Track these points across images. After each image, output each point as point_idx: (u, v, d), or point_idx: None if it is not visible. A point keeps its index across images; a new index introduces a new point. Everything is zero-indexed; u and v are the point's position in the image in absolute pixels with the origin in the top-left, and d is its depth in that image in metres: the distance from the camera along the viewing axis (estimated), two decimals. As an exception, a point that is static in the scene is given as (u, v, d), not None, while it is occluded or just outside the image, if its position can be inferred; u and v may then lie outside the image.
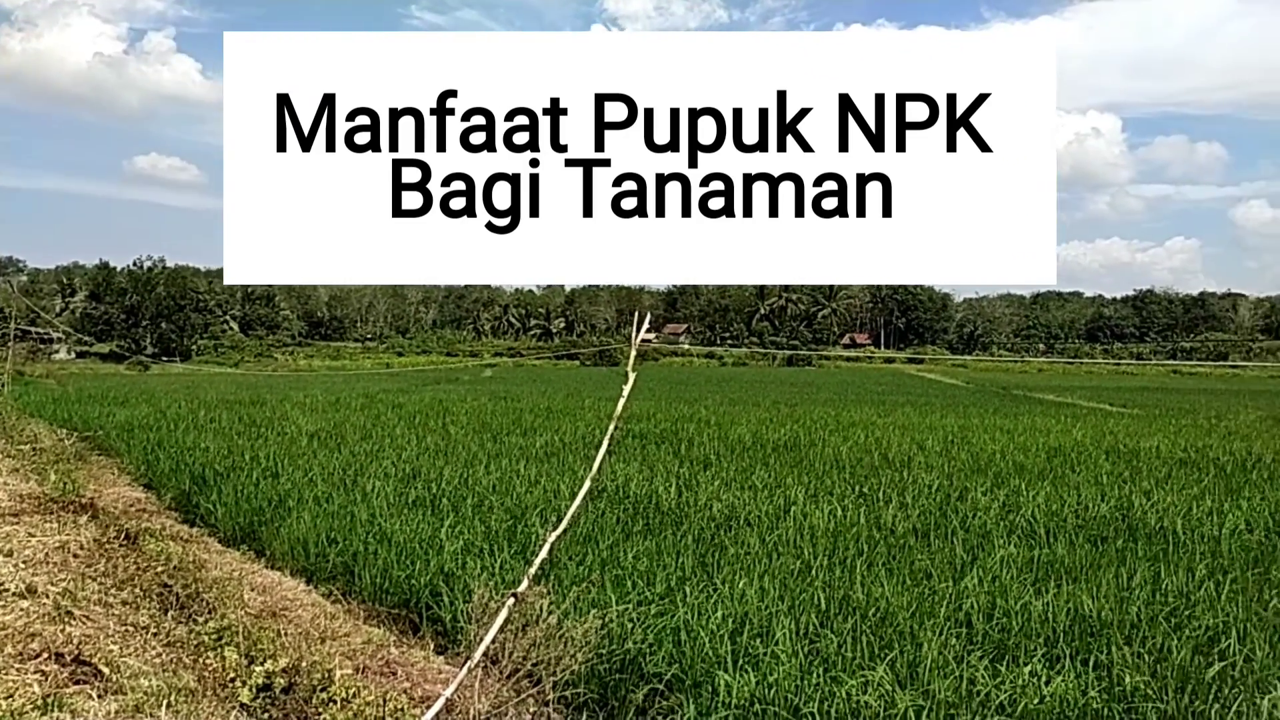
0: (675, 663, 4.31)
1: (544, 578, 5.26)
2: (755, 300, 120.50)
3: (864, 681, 4.01)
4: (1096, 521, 7.57)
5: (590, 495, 8.10)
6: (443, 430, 14.52)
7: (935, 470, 10.55)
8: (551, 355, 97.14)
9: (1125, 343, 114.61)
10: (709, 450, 12.20)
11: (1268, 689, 3.96)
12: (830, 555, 6.31)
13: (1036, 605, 5.08)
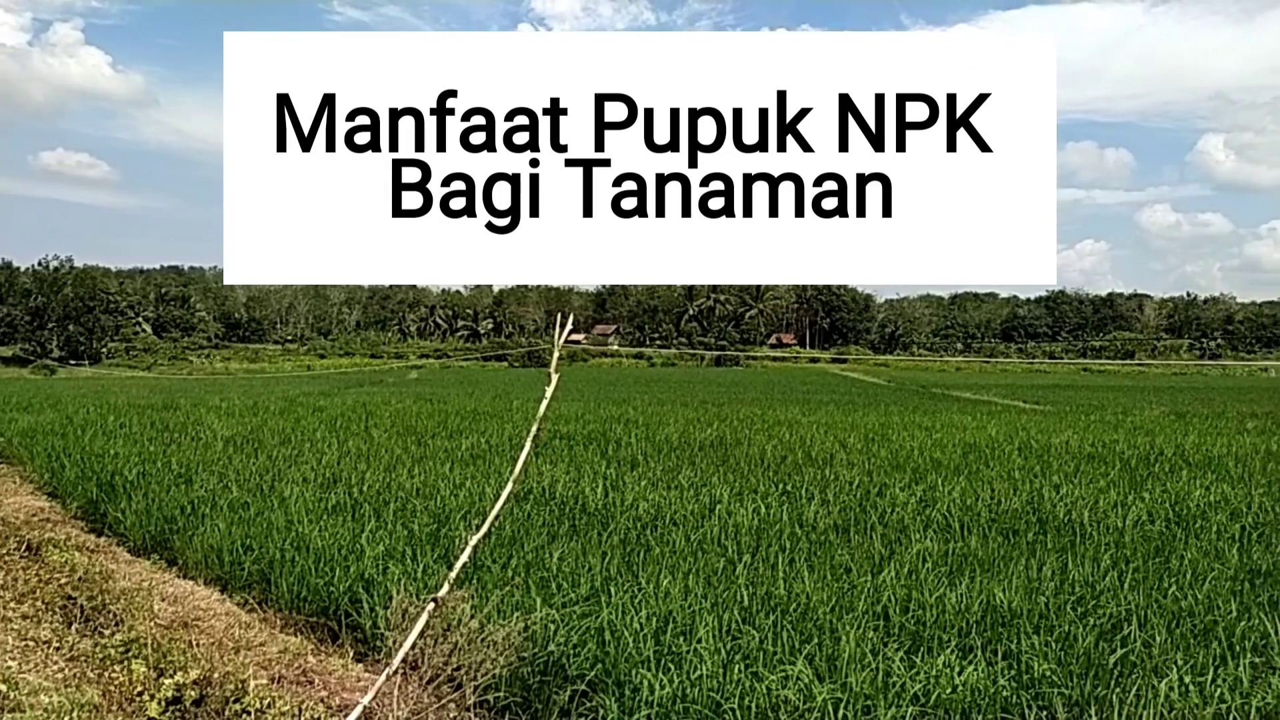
0: (599, 663, 4.31)
1: (466, 581, 5.21)
2: (684, 301, 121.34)
3: (784, 676, 4.07)
4: (1009, 515, 7.82)
5: (515, 498, 8.05)
6: (365, 434, 14.25)
7: (856, 467, 10.76)
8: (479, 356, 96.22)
9: (1039, 342, 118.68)
10: (636, 451, 12.23)
11: (1165, 673, 4.14)
12: (754, 553, 6.39)
13: (951, 597, 5.22)
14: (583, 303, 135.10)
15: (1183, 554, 6.36)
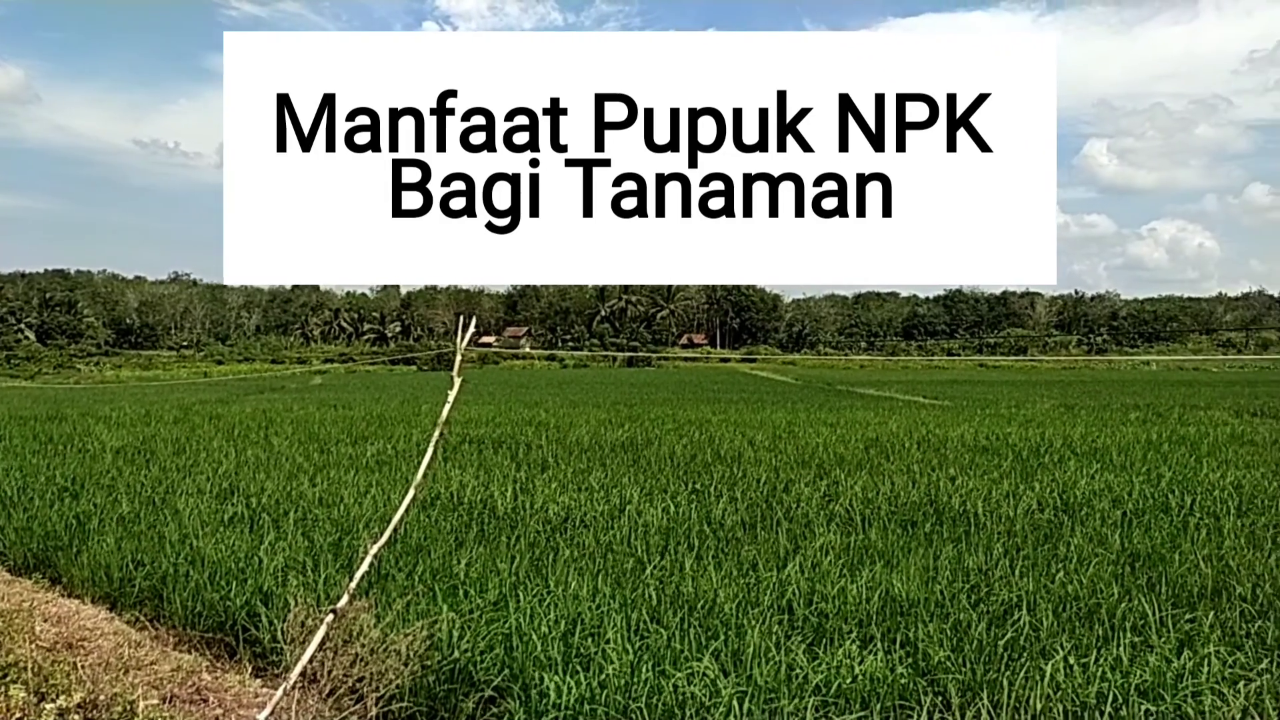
0: (506, 668, 4.28)
1: (369, 591, 5.10)
2: (596, 302, 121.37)
3: (691, 673, 4.11)
4: (908, 507, 8.07)
5: (422, 504, 7.92)
6: (265, 442, 13.81)
7: (764, 464, 10.95)
8: (386, 360, 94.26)
9: (937, 339, 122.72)
10: (547, 453, 12.18)
11: (1051, 655, 4.33)
12: (663, 552, 6.44)
13: (852, 589, 5.36)
14: (493, 305, 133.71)
15: (1069, 541, 6.68)
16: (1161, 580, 5.63)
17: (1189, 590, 5.45)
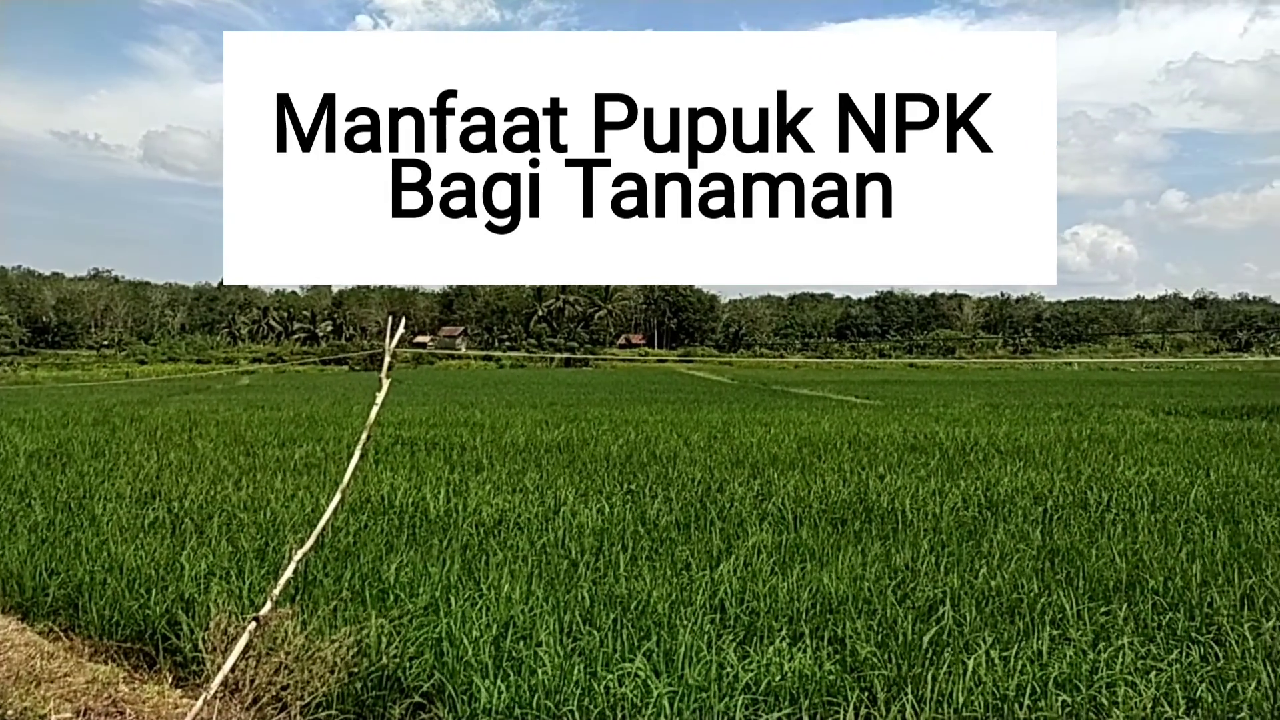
0: (436, 674, 4.23)
1: (296, 597, 5.00)
2: (533, 302, 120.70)
3: (623, 674, 4.12)
4: (838, 505, 8.20)
5: (352, 508, 7.79)
6: (189, 444, 13.42)
7: (699, 464, 11.02)
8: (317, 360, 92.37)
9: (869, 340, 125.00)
10: (481, 454, 12.08)
11: (974, 649, 4.45)
12: (597, 553, 6.43)
13: (783, 587, 5.43)
14: (428, 304, 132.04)
15: (993, 537, 6.86)
16: (1079, 575, 5.82)
17: (1105, 584, 5.64)
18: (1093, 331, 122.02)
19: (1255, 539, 6.88)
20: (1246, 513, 7.93)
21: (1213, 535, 6.97)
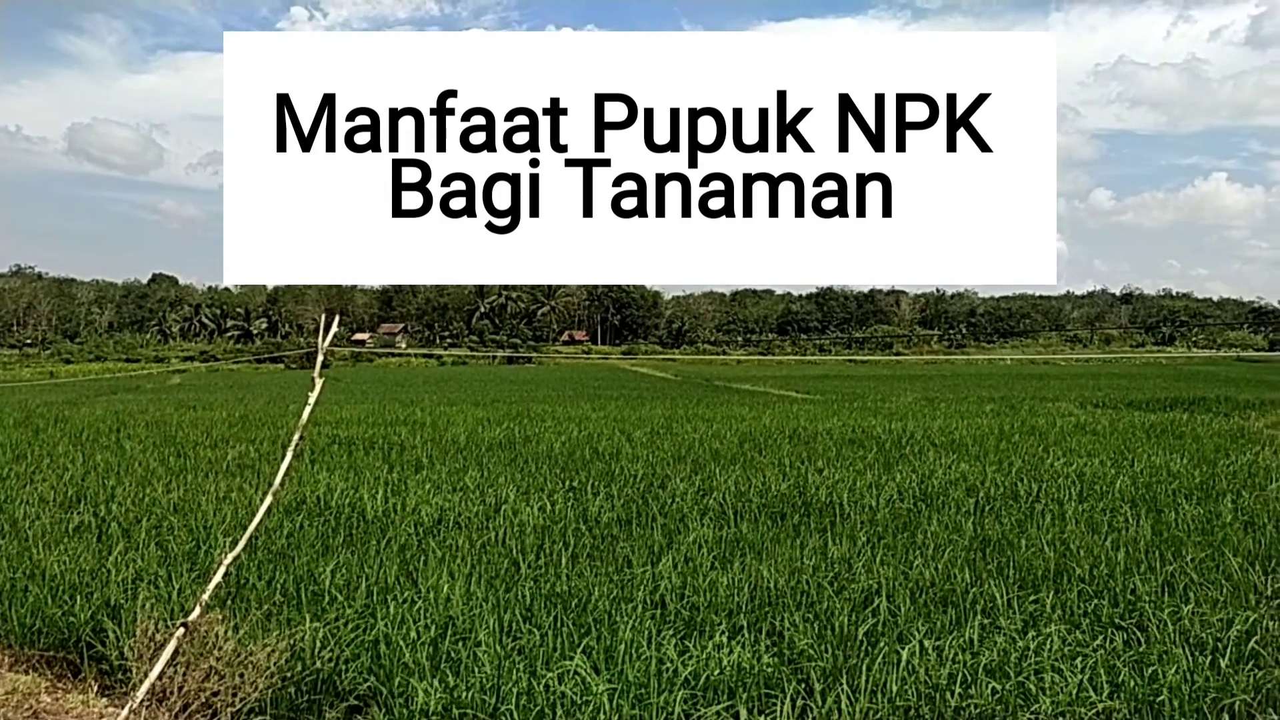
0: (372, 676, 4.17)
1: (227, 601, 4.89)
2: (475, 298, 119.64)
3: (562, 672, 4.11)
4: (777, 499, 8.30)
5: (287, 509, 7.64)
6: (116, 446, 13.02)
7: (641, 460, 11.04)
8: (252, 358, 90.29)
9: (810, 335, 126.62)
10: (421, 453, 11.94)
11: (908, 639, 4.53)
12: (538, 551, 6.41)
13: (723, 581, 5.47)
14: (367, 300, 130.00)
15: (927, 528, 7.00)
16: (1010, 564, 5.97)
17: (1034, 573, 5.79)
18: (1024, 327, 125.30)
19: (1176, 527, 7.14)
20: (1168, 502, 8.22)
21: (1136, 524, 7.22)
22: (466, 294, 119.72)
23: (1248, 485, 9.06)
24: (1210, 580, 5.63)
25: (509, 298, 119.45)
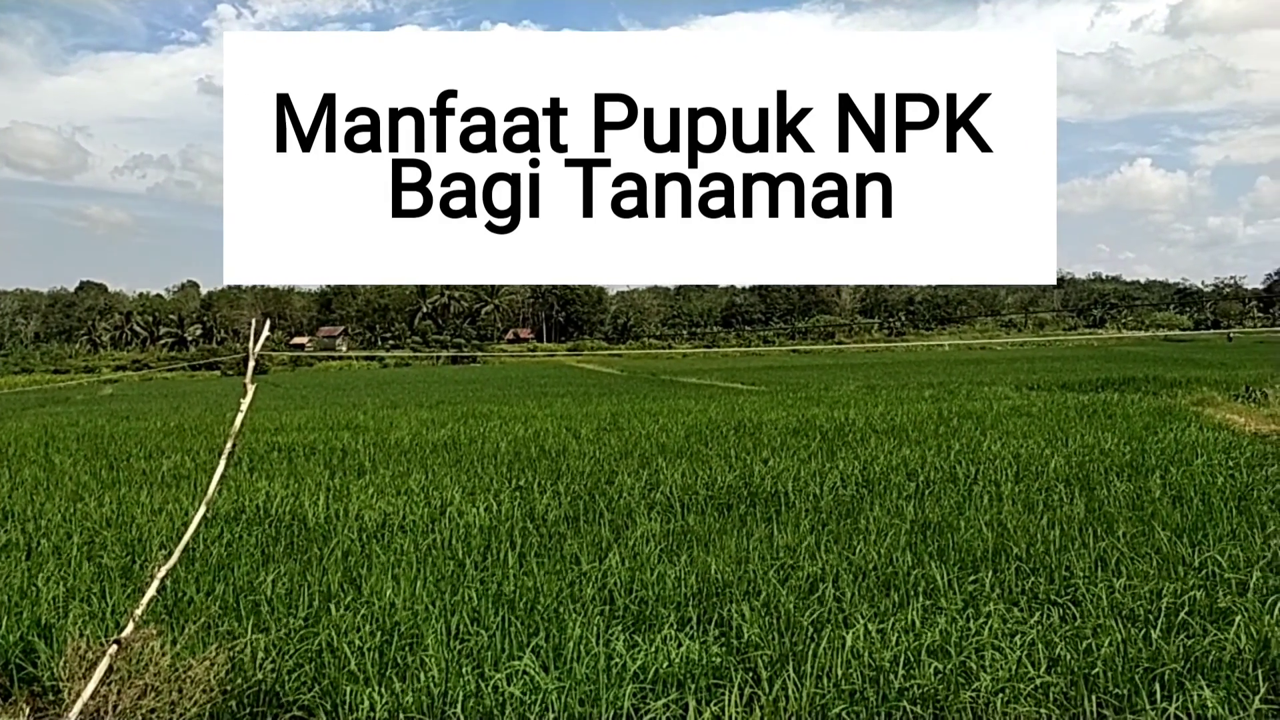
0: (316, 686, 4.10)
1: (164, 616, 4.76)
2: (416, 298, 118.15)
3: (511, 672, 4.09)
4: (724, 491, 8.36)
5: (226, 519, 7.47)
6: (45, 460, 12.59)
7: (588, 457, 11.03)
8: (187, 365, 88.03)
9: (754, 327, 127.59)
10: (364, 457, 11.76)
11: (853, 623, 4.61)
12: (485, 552, 6.36)
13: (671, 574, 5.49)
14: (305, 303, 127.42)
15: (869, 514, 7.12)
16: (950, 546, 6.10)
17: (973, 554, 5.93)
18: (961, 313, 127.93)
19: (1108, 504, 7.36)
20: (1100, 479, 8.47)
21: (1070, 502, 7.43)
22: (408, 294, 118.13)
23: (1175, 461, 9.38)
24: (1141, 554, 5.82)
25: (452, 297, 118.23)
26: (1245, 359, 40.43)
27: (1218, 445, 10.47)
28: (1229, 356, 45.12)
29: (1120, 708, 3.82)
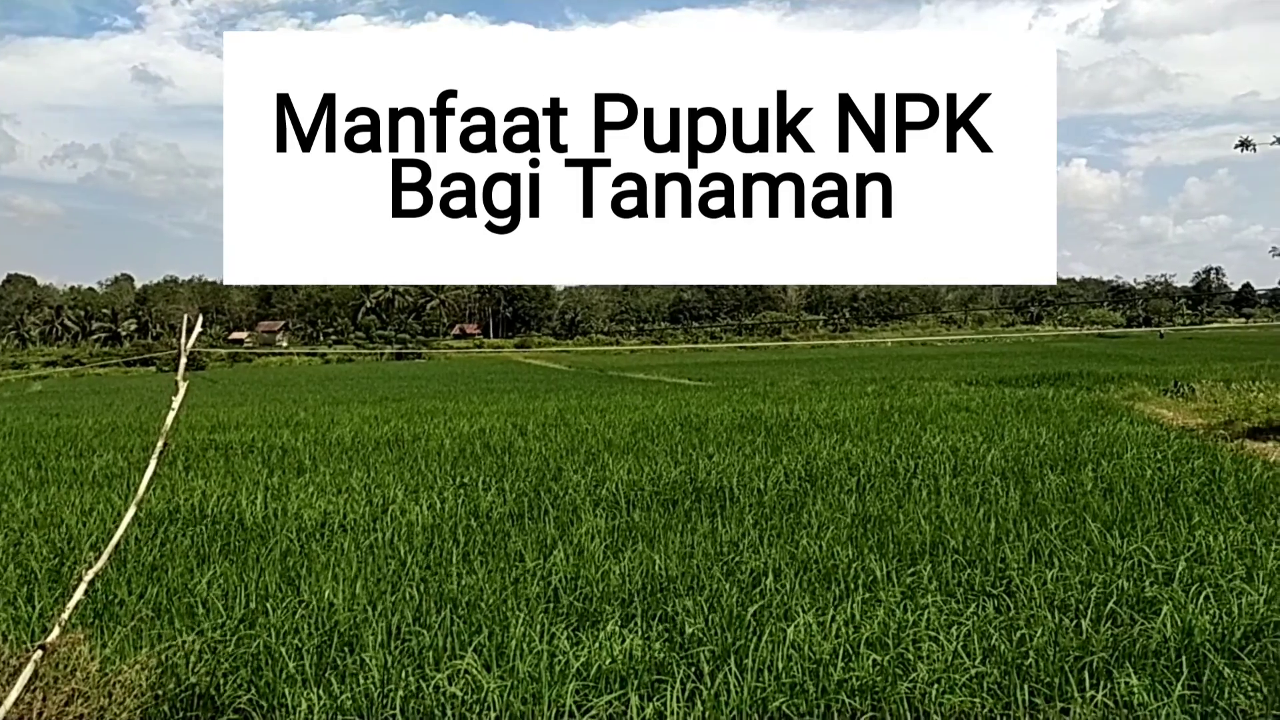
0: (253, 688, 4.02)
1: (94, 620, 4.63)
2: (360, 293, 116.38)
3: (453, 672, 4.06)
4: (669, 487, 8.39)
5: (159, 519, 7.29)
6: (-31, 460, 12.14)
7: (534, 453, 10.98)
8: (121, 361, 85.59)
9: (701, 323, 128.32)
10: (304, 455, 11.56)
11: (794, 617, 4.66)
12: (428, 551, 6.30)
13: (615, 570, 5.50)
14: (244, 298, 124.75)
15: (812, 508, 7.21)
16: (889, 539, 6.20)
17: (912, 546, 6.04)
18: (903, 309, 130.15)
19: (1042, 496, 7.56)
20: (1035, 472, 8.68)
21: (1006, 495, 7.60)
22: (351, 288, 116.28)
23: (1106, 454, 9.66)
24: (1073, 546, 5.98)
25: (396, 292, 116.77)
26: (1175, 355, 41.84)
27: (1147, 439, 10.81)
28: (1159, 352, 46.65)
29: (1051, 696, 3.92)
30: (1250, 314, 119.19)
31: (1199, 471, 8.51)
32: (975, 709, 3.85)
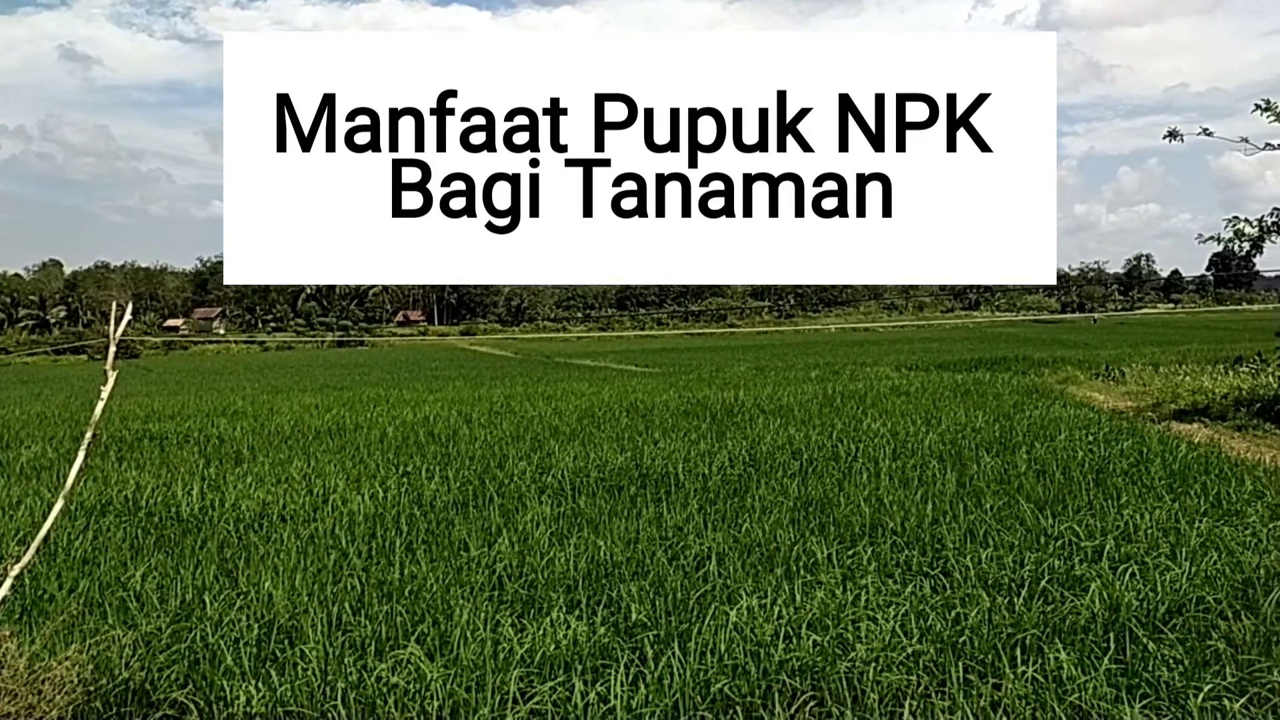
0: (189, 682, 3.95)
1: (20, 616, 4.50)
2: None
3: (395, 662, 4.03)
4: (615, 473, 8.41)
5: (91, 511, 7.10)
6: (-114, 453, 11.66)
7: (479, 441, 10.92)
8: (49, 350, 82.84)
9: (648, 309, 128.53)
10: (242, 445, 11.34)
11: (737, 600, 4.72)
12: (370, 540, 6.24)
13: (560, 557, 5.51)
14: (179, 284, 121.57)
15: (755, 492, 7.29)
16: (830, 522, 6.31)
17: (852, 529, 6.15)
18: (847, 296, 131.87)
19: (978, 478, 7.74)
20: (971, 455, 8.89)
21: (943, 477, 7.78)
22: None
23: (1040, 437, 9.93)
24: (1007, 526, 6.15)
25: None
26: (1106, 339, 43.11)
27: (1079, 422, 11.14)
28: (1092, 337, 48.02)
29: (984, 673, 4.03)
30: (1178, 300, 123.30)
31: (1128, 453, 8.80)
32: (911, 686, 3.94)
